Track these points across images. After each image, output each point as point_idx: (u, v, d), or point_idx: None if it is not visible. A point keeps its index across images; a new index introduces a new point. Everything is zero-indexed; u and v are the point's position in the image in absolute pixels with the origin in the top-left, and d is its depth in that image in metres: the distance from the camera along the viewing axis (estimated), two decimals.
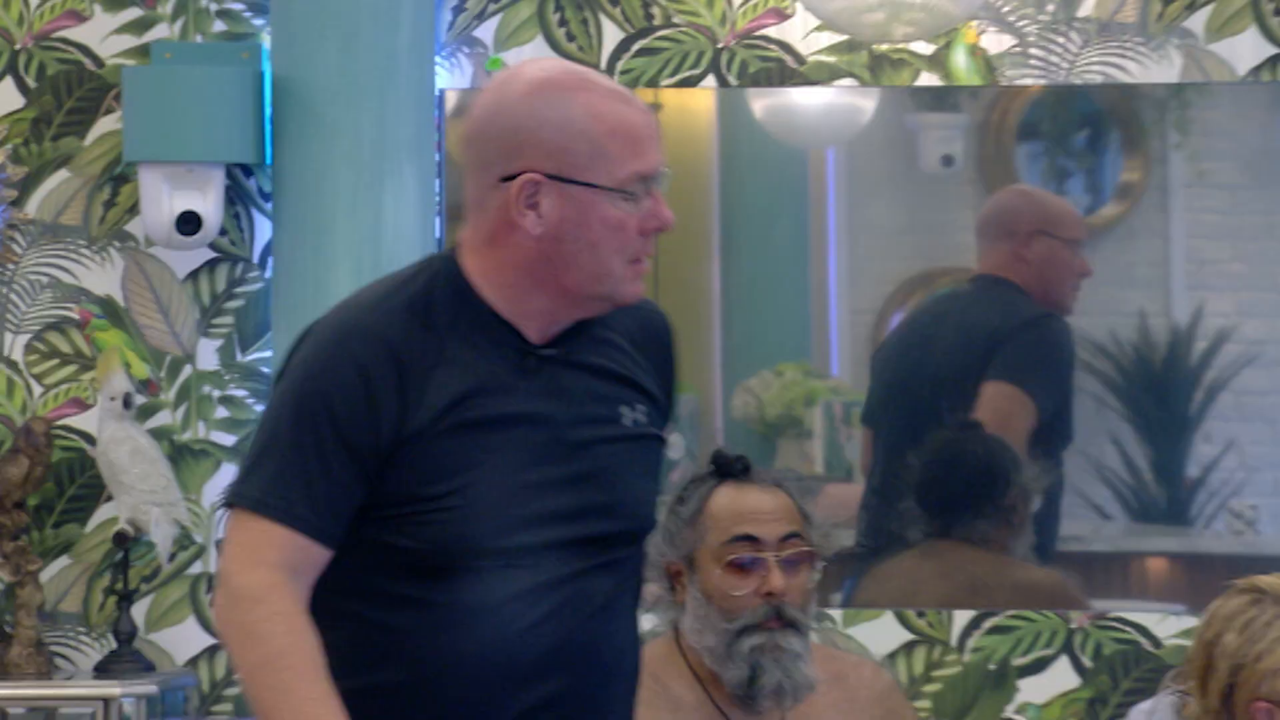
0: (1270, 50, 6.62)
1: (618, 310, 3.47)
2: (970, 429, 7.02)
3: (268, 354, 6.65)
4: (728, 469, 4.73)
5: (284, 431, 3.38)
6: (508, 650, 3.42)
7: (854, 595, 6.99)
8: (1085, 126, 6.80)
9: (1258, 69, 6.62)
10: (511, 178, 3.33)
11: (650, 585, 4.79)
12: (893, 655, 6.80)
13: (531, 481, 3.38)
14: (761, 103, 6.74)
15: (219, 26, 6.68)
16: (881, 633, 6.79)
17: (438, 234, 6.65)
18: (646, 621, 4.80)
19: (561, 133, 3.34)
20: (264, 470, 3.39)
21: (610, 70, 6.71)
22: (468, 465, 3.38)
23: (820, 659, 4.83)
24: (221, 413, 6.71)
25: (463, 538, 3.39)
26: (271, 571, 3.34)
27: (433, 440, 3.35)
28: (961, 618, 6.80)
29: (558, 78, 3.40)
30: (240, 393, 6.72)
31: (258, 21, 6.63)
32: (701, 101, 6.78)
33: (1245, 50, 6.60)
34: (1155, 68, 6.65)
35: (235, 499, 3.41)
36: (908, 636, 6.78)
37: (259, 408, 6.64)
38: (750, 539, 4.59)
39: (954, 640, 6.78)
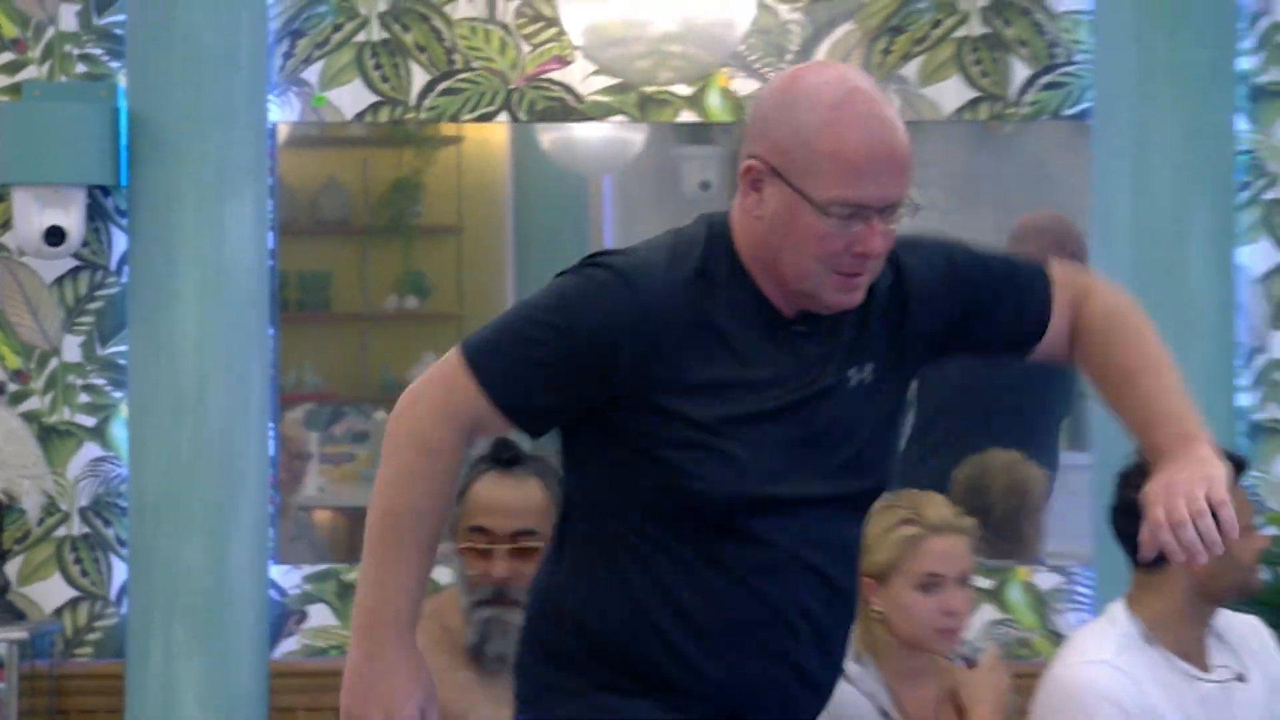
0: (971, 94, 6.65)
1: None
2: None
3: (123, 348, 6.59)
4: (496, 457, 4.68)
5: (525, 326, 3.18)
6: (768, 600, 3.24)
7: None
8: None
9: (960, 110, 6.63)
10: (752, 156, 3.17)
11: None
12: None
13: (781, 440, 3.19)
14: (548, 136, 6.74)
15: (81, 68, 6.63)
16: None
17: (270, 245, 6.59)
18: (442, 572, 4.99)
19: (792, 136, 3.13)
20: (495, 342, 3.20)
21: (417, 107, 6.68)
22: (722, 425, 3.17)
23: None
24: (84, 399, 6.67)
25: (722, 489, 3.19)
26: (457, 433, 3.21)
27: (688, 399, 3.16)
28: None
29: (827, 88, 3.17)
30: (100, 381, 6.67)
31: (114, 64, 6.57)
32: (497, 134, 6.76)
33: (950, 94, 6.63)
34: None
35: (465, 347, 3.23)
36: None
37: (117, 394, 6.61)
38: (483, 530, 4.59)
39: None
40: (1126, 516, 4.67)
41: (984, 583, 6.37)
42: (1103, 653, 4.78)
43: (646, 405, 3.16)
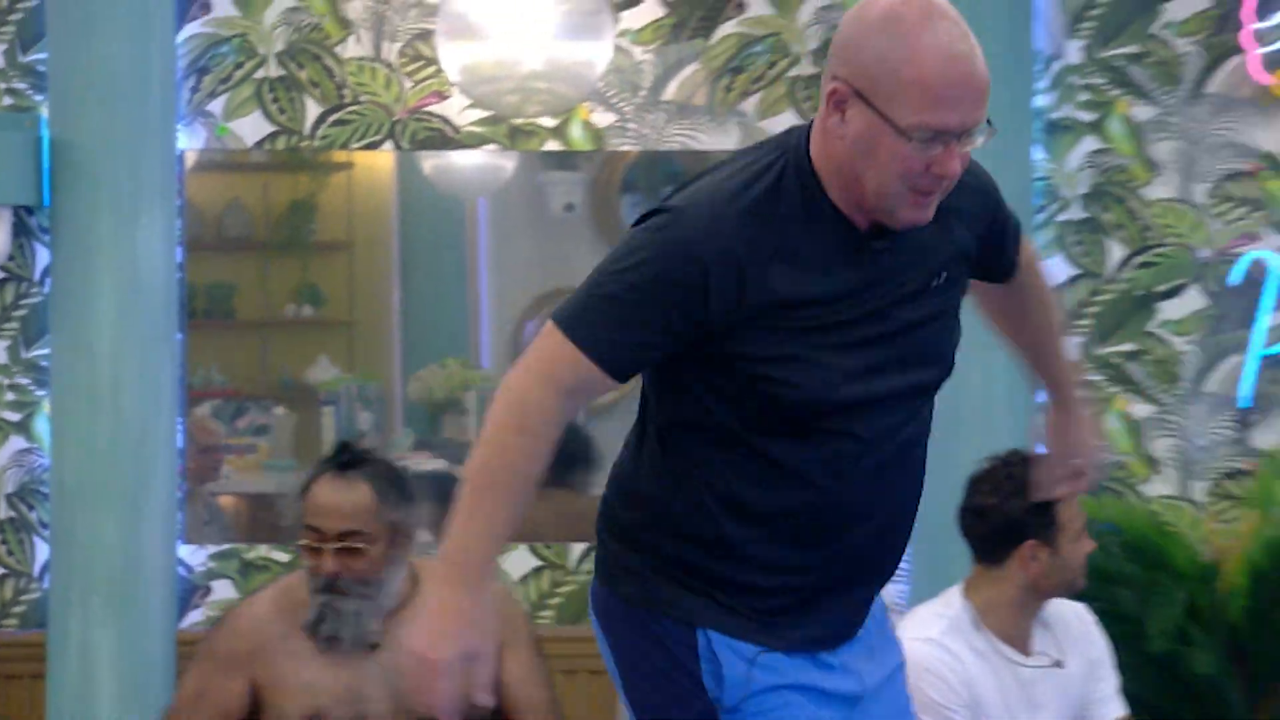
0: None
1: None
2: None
3: (46, 351, 6.57)
4: (333, 459, 4.66)
5: (614, 283, 3.05)
6: (849, 492, 3.13)
7: None
8: (670, 182, 6.60)
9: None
10: (836, 79, 3.01)
11: None
12: (524, 578, 6.77)
13: (865, 345, 3.07)
14: (428, 162, 6.71)
15: (7, 101, 6.62)
16: (517, 561, 6.74)
17: (179, 260, 6.53)
18: None
19: (878, 62, 2.99)
20: (585, 305, 3.07)
21: (311, 136, 6.65)
22: (810, 336, 3.05)
23: (434, 574, 4.77)
24: (10, 397, 6.68)
25: (813, 395, 3.07)
26: (559, 397, 3.06)
27: (772, 316, 3.03)
28: (577, 548, 6.77)
29: (911, 16, 3.02)
30: (25, 381, 6.67)
31: (38, 97, 6.56)
32: (383, 161, 6.73)
33: (784, 125, 6.24)
34: (720, 138, 6.63)
35: (559, 317, 3.08)
36: (536, 563, 6.77)
37: (40, 393, 6.62)
38: (315, 530, 4.55)
39: (571, 565, 6.76)
40: (975, 518, 4.88)
41: None
42: (931, 632, 4.82)
43: (737, 328, 3.04)
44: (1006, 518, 4.83)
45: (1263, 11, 6.51)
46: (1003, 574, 4.84)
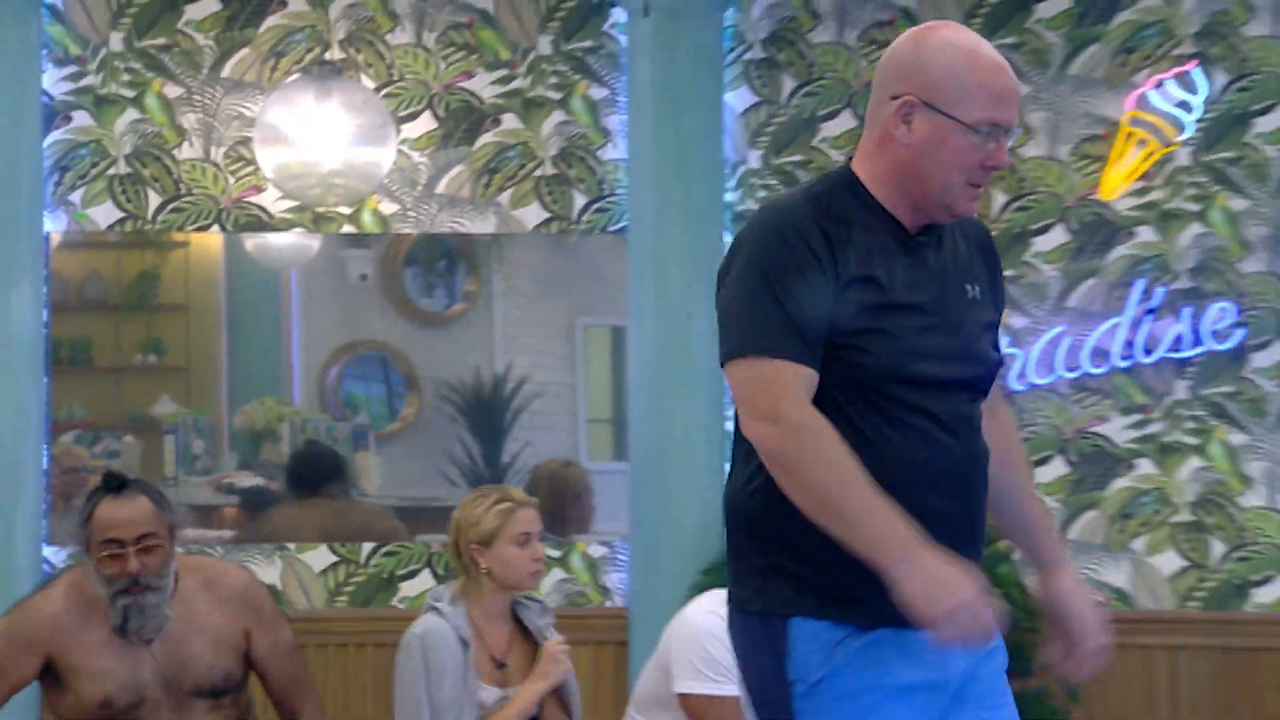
0: (546, 215, 6.70)
1: (958, 221, 3.03)
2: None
3: None
4: (106, 486, 4.53)
5: (764, 294, 2.83)
6: (928, 460, 2.95)
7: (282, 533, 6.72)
8: (444, 258, 6.77)
9: (539, 225, 6.70)
10: (897, 97, 2.95)
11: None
12: (324, 570, 6.68)
13: (926, 329, 2.94)
14: (250, 241, 6.70)
15: None
16: (318, 557, 6.68)
17: (45, 319, 6.51)
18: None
19: (945, 74, 2.94)
20: (760, 324, 2.84)
21: (153, 221, 6.58)
22: (883, 310, 2.93)
23: (190, 569, 4.64)
24: None
25: (887, 361, 2.93)
26: (809, 404, 2.84)
27: (857, 295, 2.90)
28: (366, 546, 6.69)
29: (962, 38, 3.00)
30: None
31: None
32: (213, 240, 6.70)
33: (532, 214, 6.69)
34: (481, 223, 6.69)
35: (745, 349, 2.85)
36: (334, 559, 6.70)
37: None
38: (115, 540, 4.42)
39: (362, 560, 6.71)
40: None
41: (554, 553, 6.46)
42: (719, 609, 4.65)
43: (836, 299, 2.89)
44: None
45: None
46: None
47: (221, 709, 4.61)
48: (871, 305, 2.90)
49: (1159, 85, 6.53)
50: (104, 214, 6.65)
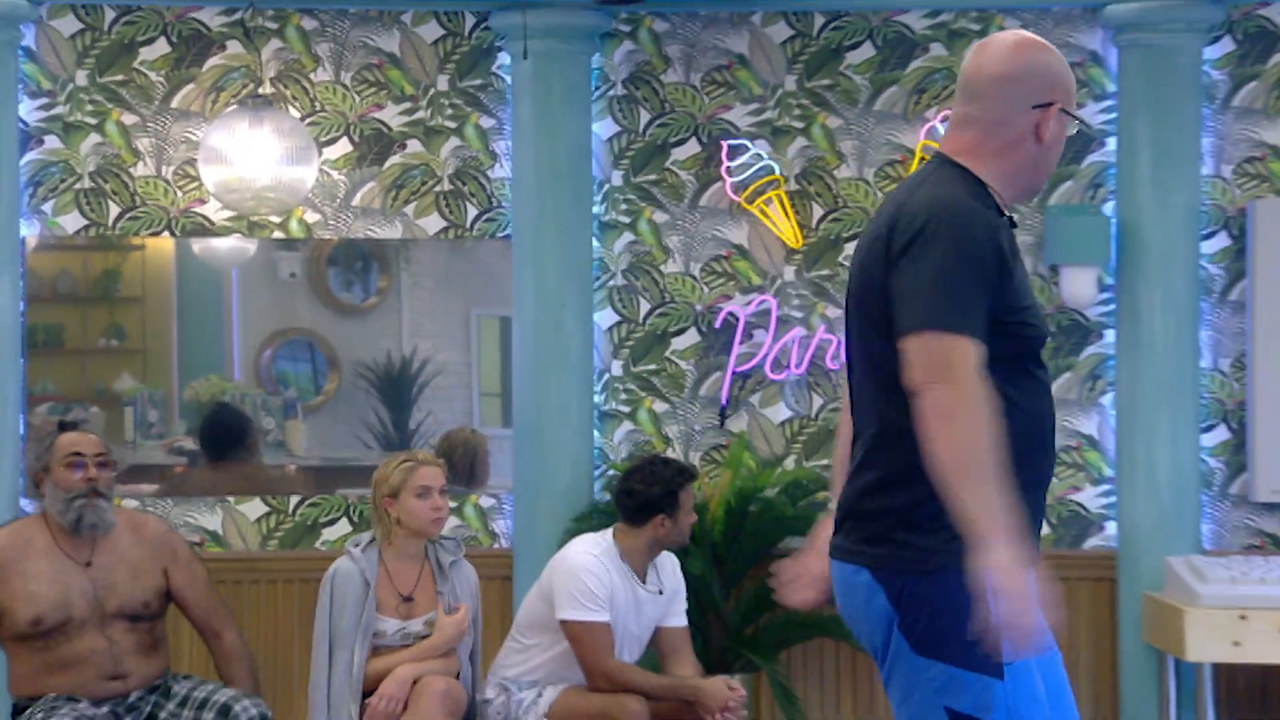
0: (444, 224, 6.57)
1: None
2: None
3: None
4: (62, 426, 4.73)
5: (958, 279, 2.68)
6: (1052, 421, 2.85)
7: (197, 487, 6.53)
8: (360, 259, 6.63)
9: (439, 233, 6.54)
10: (1040, 105, 2.81)
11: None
12: (258, 519, 6.56)
13: (1037, 306, 2.87)
14: (196, 245, 6.60)
15: None
16: (251, 508, 6.57)
17: (22, 309, 6.41)
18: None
19: (1060, 77, 2.83)
20: (952, 304, 2.68)
21: (113, 228, 6.44)
22: (1027, 298, 2.82)
23: (124, 518, 4.70)
24: None
25: (1036, 340, 2.84)
26: (982, 382, 2.66)
27: (1014, 281, 2.78)
28: (294, 499, 6.55)
29: (1042, 43, 2.87)
30: None
31: None
32: (165, 244, 6.60)
33: (434, 223, 6.58)
34: (391, 230, 6.58)
35: (933, 323, 2.68)
36: (265, 509, 6.59)
37: None
38: (78, 454, 4.59)
39: (289, 510, 6.60)
40: (627, 496, 5.05)
41: (451, 504, 6.18)
42: (594, 550, 5.02)
43: (1004, 280, 2.77)
44: (648, 499, 5.03)
45: (731, 156, 6.52)
46: (640, 532, 5.04)
47: (138, 632, 4.60)
48: (1021, 289, 2.79)
49: (943, 119, 6.52)
50: (71, 221, 6.57)
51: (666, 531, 5.05)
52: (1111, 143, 6.52)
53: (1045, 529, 5.39)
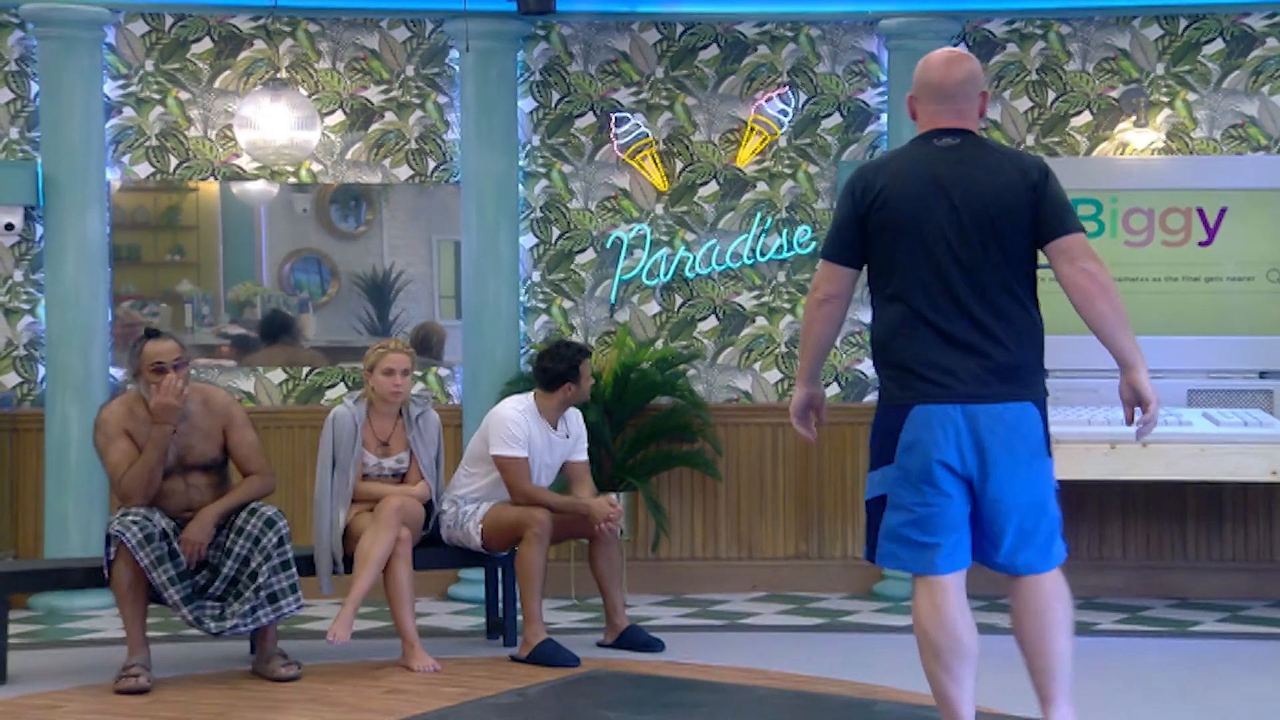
0: (411, 173, 6.53)
1: None
2: None
3: (41, 275, 6.46)
4: (149, 334, 4.68)
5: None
6: None
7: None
8: (353, 199, 6.48)
9: (408, 179, 6.58)
10: (983, 93, 3.16)
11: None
12: (280, 383, 6.70)
13: None
14: (235, 188, 6.71)
15: (20, 154, 6.53)
16: (276, 376, 6.68)
17: (108, 233, 6.42)
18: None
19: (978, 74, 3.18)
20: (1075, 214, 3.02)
21: (173, 174, 6.51)
22: None
23: (194, 389, 4.72)
24: (20, 294, 6.56)
25: None
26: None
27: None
28: (304, 369, 6.63)
29: (968, 54, 3.19)
30: (29, 289, 6.57)
31: (35, 152, 6.49)
32: (212, 187, 6.73)
33: (403, 172, 6.55)
34: (374, 177, 6.54)
35: (1081, 227, 2.97)
36: (284, 376, 6.72)
37: (38, 294, 6.41)
38: (160, 363, 4.58)
39: (301, 377, 6.69)
40: (543, 371, 5.07)
41: (418, 373, 6.52)
42: (518, 406, 5.18)
43: None
44: (557, 372, 5.18)
45: (618, 125, 6.69)
46: (552, 395, 5.23)
47: (209, 475, 4.80)
48: None
49: (769, 100, 6.67)
50: (143, 170, 6.73)
51: (572, 394, 5.26)
52: (884, 118, 6.89)
53: None
